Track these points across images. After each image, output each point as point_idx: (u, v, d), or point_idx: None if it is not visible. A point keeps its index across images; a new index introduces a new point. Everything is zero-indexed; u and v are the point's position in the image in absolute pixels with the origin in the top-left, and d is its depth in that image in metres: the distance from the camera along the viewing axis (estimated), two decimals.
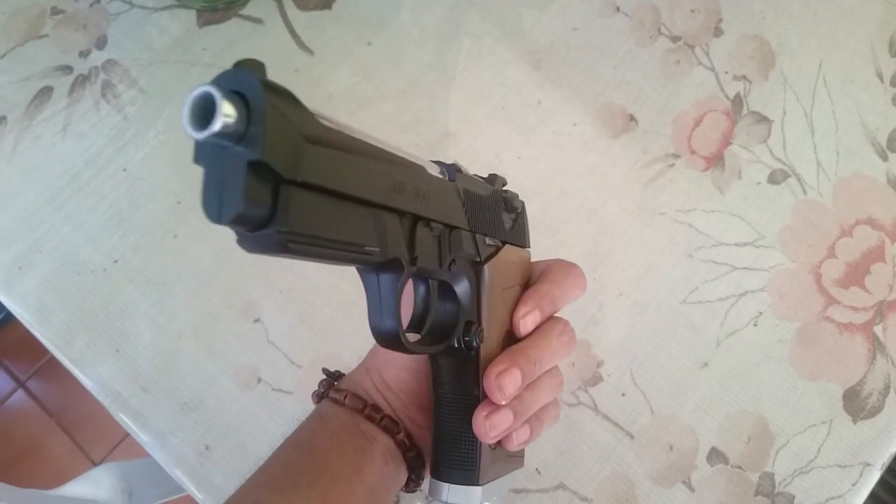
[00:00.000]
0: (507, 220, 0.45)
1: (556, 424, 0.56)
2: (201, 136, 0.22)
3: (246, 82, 0.24)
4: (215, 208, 0.24)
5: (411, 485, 0.46)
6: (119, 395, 0.57)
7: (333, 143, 0.28)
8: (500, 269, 0.42)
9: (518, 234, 0.46)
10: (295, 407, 0.57)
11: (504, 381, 0.38)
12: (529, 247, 0.47)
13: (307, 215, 0.27)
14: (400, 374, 0.45)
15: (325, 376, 0.48)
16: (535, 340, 0.42)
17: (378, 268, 0.35)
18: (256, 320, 0.59)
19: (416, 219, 0.35)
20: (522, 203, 0.47)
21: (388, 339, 0.35)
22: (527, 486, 0.55)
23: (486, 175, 0.45)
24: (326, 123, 0.28)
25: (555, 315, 0.44)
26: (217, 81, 0.24)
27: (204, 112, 0.23)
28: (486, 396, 0.39)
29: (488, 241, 0.42)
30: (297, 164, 0.25)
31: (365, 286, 0.35)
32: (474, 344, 0.39)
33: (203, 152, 0.25)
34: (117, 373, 0.58)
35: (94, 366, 0.58)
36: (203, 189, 0.25)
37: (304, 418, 0.46)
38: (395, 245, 0.33)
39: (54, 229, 0.61)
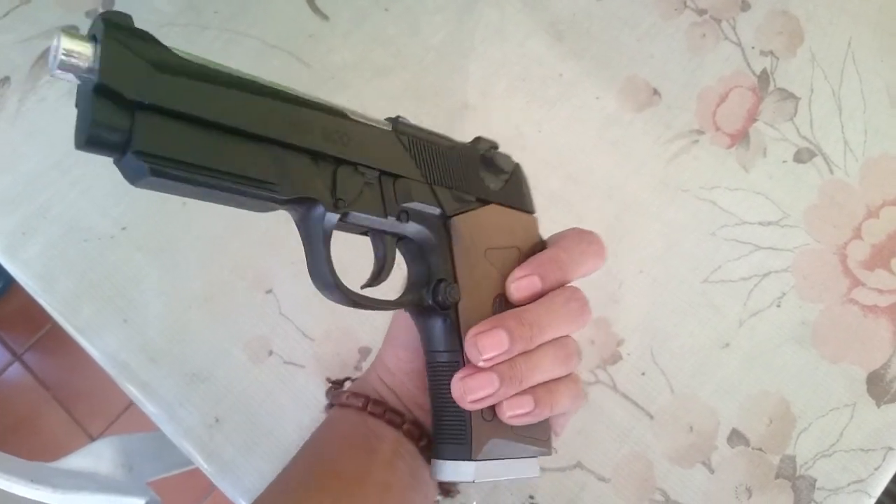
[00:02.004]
0: (491, 179, 0.42)
1: None
2: (52, 72, 0.26)
3: (96, 25, 0.27)
4: (78, 135, 0.27)
5: None
6: (126, 366, 0.56)
7: (193, 73, 0.30)
8: (481, 226, 0.40)
9: (512, 196, 0.43)
10: (307, 380, 0.55)
11: (483, 340, 0.36)
12: (533, 211, 0.44)
13: (167, 139, 0.28)
14: (399, 353, 0.43)
15: (331, 384, 0.49)
16: (533, 305, 0.38)
17: (301, 213, 0.35)
18: (268, 291, 0.58)
19: (338, 161, 0.35)
20: (517, 165, 0.44)
21: (325, 288, 0.36)
22: (544, 464, 0.54)
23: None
24: (188, 57, 0.30)
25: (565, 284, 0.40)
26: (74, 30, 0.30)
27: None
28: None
29: (456, 195, 0.40)
30: (142, 88, 0.27)
31: (301, 238, 0.36)
32: (447, 302, 0.37)
33: (77, 95, 0.28)
34: (124, 343, 0.56)
35: (101, 335, 0.56)
36: (75, 125, 0.28)
37: (316, 392, 0.47)
38: (305, 185, 0.33)
39: (59, 194, 0.59)
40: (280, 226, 0.59)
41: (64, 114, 0.61)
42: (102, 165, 0.60)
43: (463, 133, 0.62)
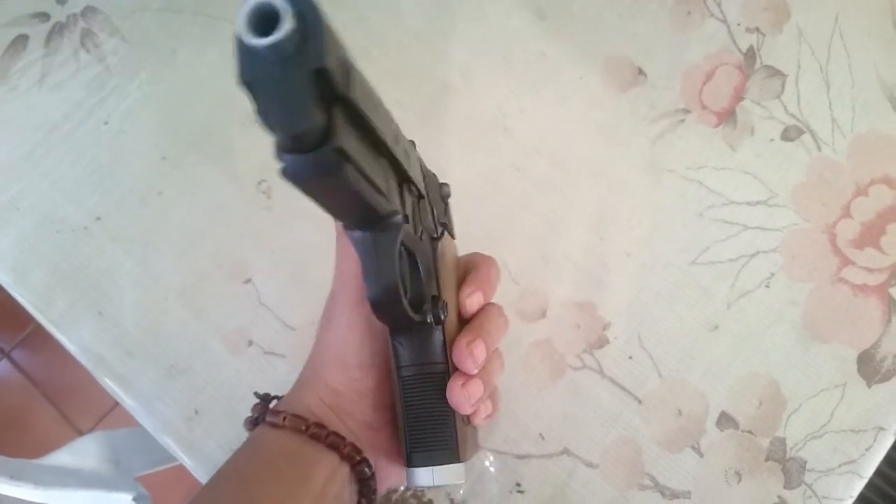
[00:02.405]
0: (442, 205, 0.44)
1: (561, 389, 0.54)
2: (264, 42, 0.21)
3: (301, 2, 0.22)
4: (283, 121, 0.23)
5: (365, 499, 0.42)
6: (102, 359, 0.55)
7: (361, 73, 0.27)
8: (448, 249, 0.43)
9: (450, 222, 0.46)
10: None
11: (475, 349, 0.39)
12: (454, 237, 0.47)
13: (354, 139, 0.26)
14: (353, 373, 0.41)
15: (257, 400, 0.44)
16: (483, 319, 0.42)
17: (376, 224, 0.33)
18: (247, 281, 0.56)
19: (403, 176, 0.34)
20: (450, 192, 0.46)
21: (389, 303, 0.34)
22: (530, 451, 0.53)
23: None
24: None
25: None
26: None
27: (262, 22, 0.22)
28: (455, 370, 0.40)
29: (437, 219, 0.42)
30: (347, 81, 0.24)
31: (359, 250, 0.34)
32: (442, 317, 0.39)
33: (254, 67, 0.23)
34: (100, 335, 0.55)
35: (76, 328, 0.55)
36: (262, 104, 0.23)
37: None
38: (394, 197, 0.32)
39: (31, 185, 0.58)
40: (258, 214, 0.58)
41: (35, 103, 0.60)
42: (76, 155, 0.59)
43: (445, 116, 0.61)
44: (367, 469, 0.40)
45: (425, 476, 0.39)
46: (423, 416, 0.40)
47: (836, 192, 0.59)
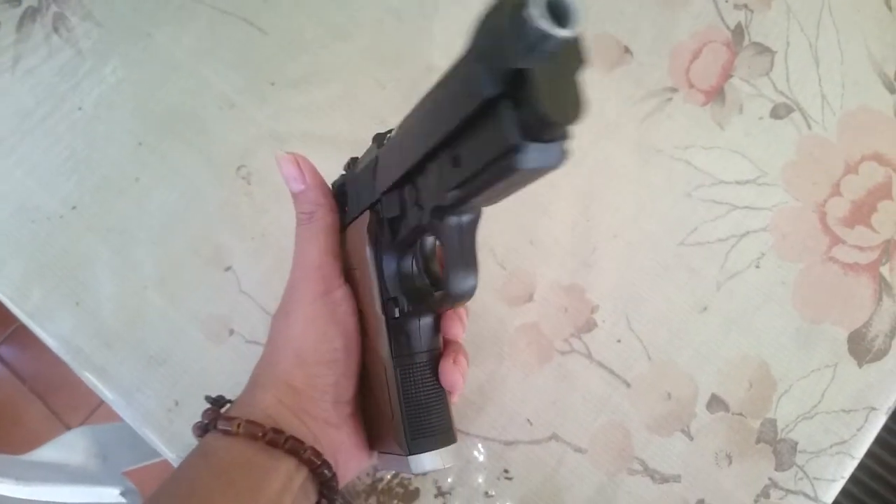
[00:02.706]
0: None
1: (549, 373, 0.53)
2: (563, 33, 0.21)
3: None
4: (566, 112, 0.25)
5: (326, 499, 0.40)
6: (80, 351, 0.53)
7: None
8: None
9: None
10: None
11: (464, 319, 0.41)
12: None
13: None
14: (313, 369, 0.40)
15: (208, 404, 0.41)
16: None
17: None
18: (227, 268, 0.55)
19: None
20: None
21: (472, 291, 0.34)
22: (518, 437, 0.52)
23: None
24: None
25: None
26: None
27: (555, 13, 0.21)
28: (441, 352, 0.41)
29: None
30: None
31: (452, 235, 0.34)
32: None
33: (533, 53, 0.22)
34: (78, 327, 0.54)
35: (53, 319, 0.54)
36: (540, 90, 0.24)
37: None
38: None
39: (5, 174, 0.57)
40: (238, 199, 0.56)
41: (7, 89, 0.58)
42: (49, 142, 0.57)
43: None
44: (326, 471, 0.39)
45: (432, 460, 0.39)
46: (423, 403, 0.40)
47: (827, 170, 0.58)
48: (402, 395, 0.39)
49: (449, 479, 0.52)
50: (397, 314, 0.39)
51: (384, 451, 0.42)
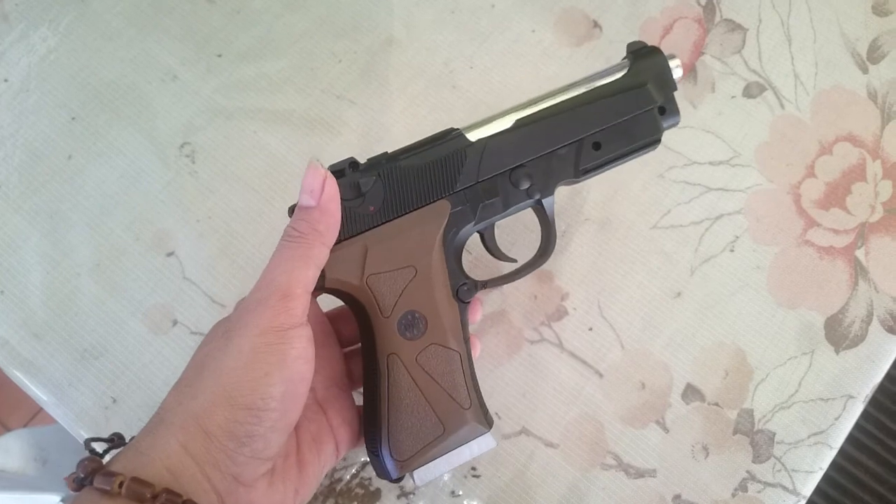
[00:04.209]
0: None
1: (518, 364, 0.50)
2: (678, 74, 0.45)
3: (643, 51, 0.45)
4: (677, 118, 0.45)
5: None
6: (6, 343, 0.49)
7: None
8: None
9: None
10: None
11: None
12: None
13: None
14: (243, 415, 0.33)
15: (88, 451, 0.34)
16: None
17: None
18: (170, 254, 0.51)
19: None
20: None
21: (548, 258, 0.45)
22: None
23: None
24: None
25: None
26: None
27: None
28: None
29: None
30: None
31: (549, 214, 0.43)
32: None
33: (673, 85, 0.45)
34: (3, 317, 0.49)
35: None
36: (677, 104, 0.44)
37: None
38: None
39: None
40: (181, 179, 0.52)
41: None
42: None
43: (387, 70, 0.56)
44: None
45: (494, 437, 0.41)
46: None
47: (801, 151, 0.56)
48: (475, 376, 0.41)
49: (413, 481, 0.49)
50: (468, 298, 0.41)
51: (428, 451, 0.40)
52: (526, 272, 0.44)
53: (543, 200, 0.43)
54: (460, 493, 0.48)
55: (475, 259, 0.52)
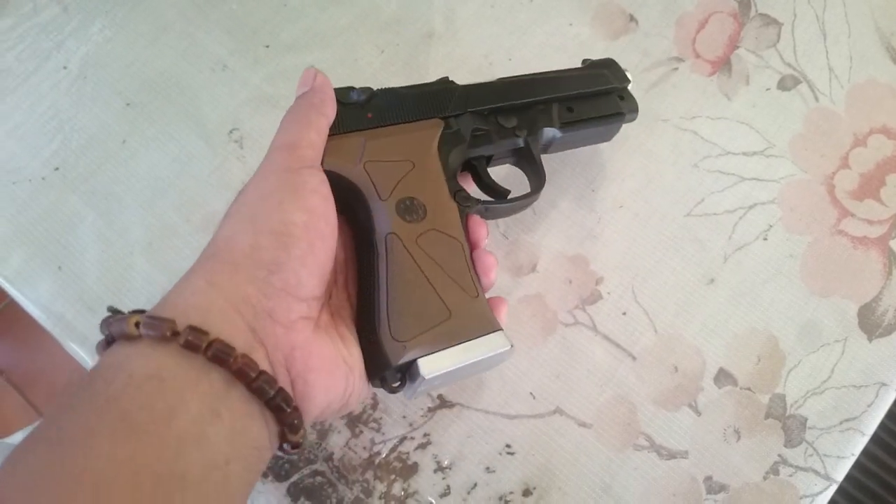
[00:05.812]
0: None
1: (552, 346, 0.51)
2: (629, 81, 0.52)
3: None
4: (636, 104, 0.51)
5: (287, 428, 0.31)
6: (62, 317, 0.51)
7: None
8: None
9: None
10: None
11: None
12: None
13: None
14: (265, 239, 0.32)
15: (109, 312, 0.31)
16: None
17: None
18: None
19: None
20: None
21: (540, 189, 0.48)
22: (521, 411, 0.50)
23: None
24: None
25: None
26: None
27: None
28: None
29: None
30: None
31: (529, 162, 0.48)
32: None
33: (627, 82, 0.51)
34: (59, 291, 0.51)
35: (33, 284, 0.51)
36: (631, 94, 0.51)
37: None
38: None
39: None
40: (229, 164, 0.54)
41: None
42: (31, 102, 0.55)
43: (427, 63, 0.58)
44: (267, 387, 0.29)
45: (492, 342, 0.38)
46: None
47: (835, 143, 0.56)
48: (480, 279, 0.40)
49: (448, 454, 0.50)
50: (466, 203, 0.41)
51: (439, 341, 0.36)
52: (522, 204, 0.46)
53: (531, 143, 0.46)
54: (494, 468, 0.49)
55: (512, 244, 0.53)
